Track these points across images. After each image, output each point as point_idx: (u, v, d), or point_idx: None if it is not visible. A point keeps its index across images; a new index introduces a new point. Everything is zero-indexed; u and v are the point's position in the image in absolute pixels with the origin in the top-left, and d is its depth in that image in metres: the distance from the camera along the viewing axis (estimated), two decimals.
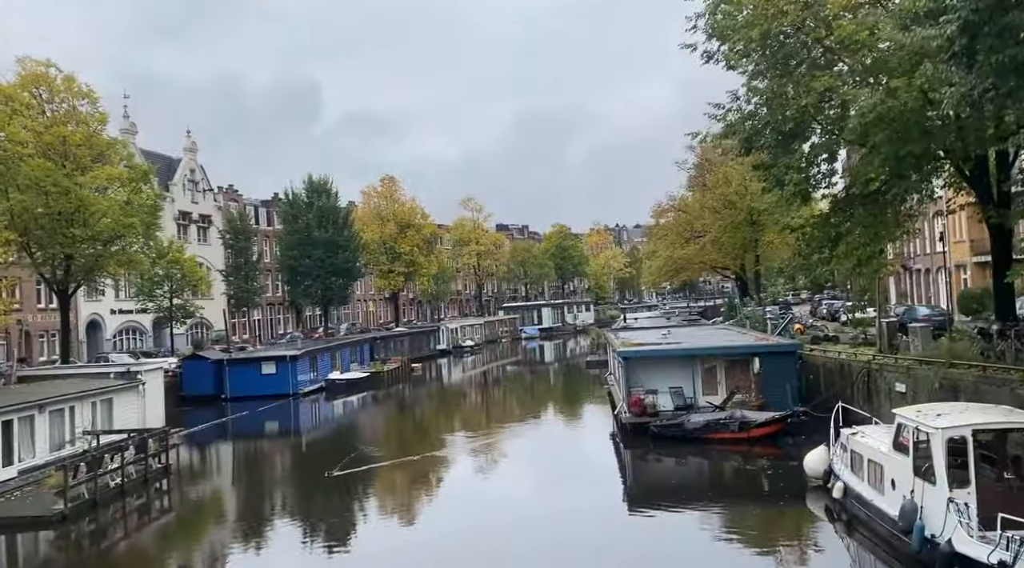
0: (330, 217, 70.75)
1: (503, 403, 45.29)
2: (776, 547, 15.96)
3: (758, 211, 56.42)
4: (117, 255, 38.85)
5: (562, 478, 24.36)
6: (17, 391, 25.43)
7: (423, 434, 34.58)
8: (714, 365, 27.15)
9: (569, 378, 55.64)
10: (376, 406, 45.80)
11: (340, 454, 28.59)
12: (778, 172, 20.43)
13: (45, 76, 38.38)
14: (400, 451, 29.09)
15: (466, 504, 21.48)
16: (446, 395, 51.10)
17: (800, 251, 22.40)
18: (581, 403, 42.98)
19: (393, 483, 24.18)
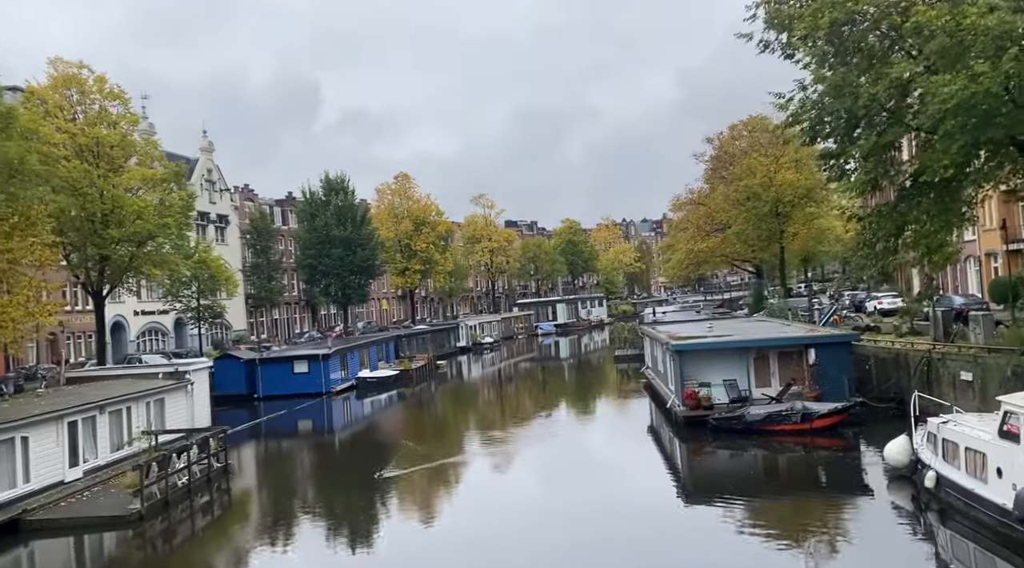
0: (348, 215, 70.64)
1: (537, 398, 45.22)
2: (866, 538, 15.89)
3: (783, 202, 56.47)
4: (152, 255, 38.80)
5: (612, 473, 24.42)
6: (73, 392, 25.41)
7: (463, 432, 34.51)
8: (767, 357, 27.09)
9: (596, 373, 55.60)
10: (409, 404, 45.75)
11: (386, 453, 28.71)
12: (845, 161, 20.34)
13: (77, 78, 38.34)
14: (446, 450, 28.93)
15: (520, 500, 21.41)
16: (476, 392, 51.04)
17: (865, 240, 22.29)
18: (615, 397, 42.91)
19: (444, 483, 23.93)
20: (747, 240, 58.33)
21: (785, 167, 57.13)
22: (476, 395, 49.22)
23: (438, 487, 23.42)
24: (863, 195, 23.30)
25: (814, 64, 20.15)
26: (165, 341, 59.53)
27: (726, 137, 70.99)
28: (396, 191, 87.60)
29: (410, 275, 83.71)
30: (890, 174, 20.74)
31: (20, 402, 23.41)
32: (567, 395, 45.84)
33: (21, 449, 19.84)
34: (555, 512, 19.67)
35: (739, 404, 25.70)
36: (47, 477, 20.79)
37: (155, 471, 20.17)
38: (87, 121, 38.32)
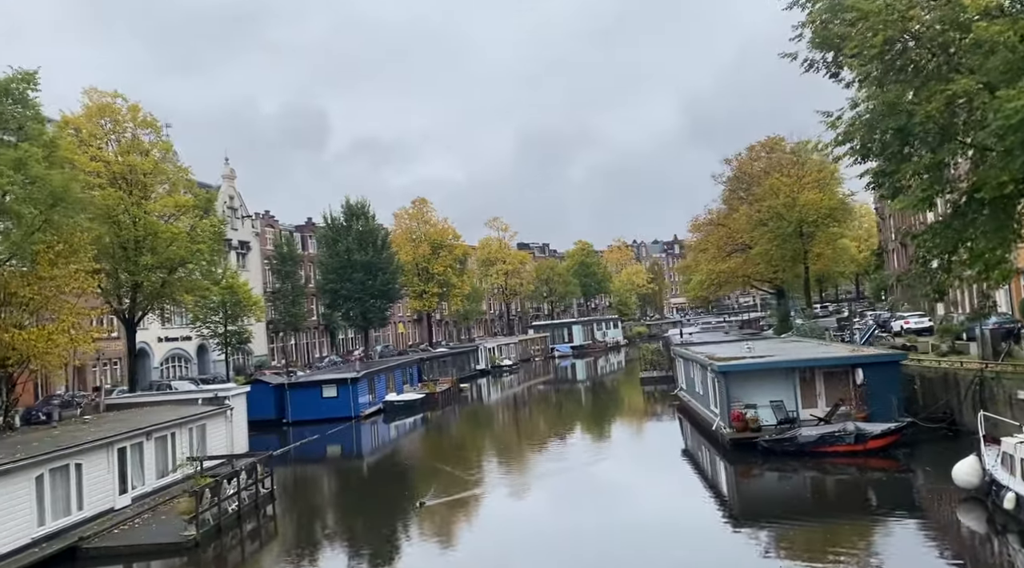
0: (369, 240, 70.87)
1: (567, 422, 44.89)
2: (941, 562, 15.60)
3: (807, 222, 56.39)
4: (183, 282, 38.89)
5: (657, 496, 24.23)
6: (116, 419, 25.34)
7: (499, 456, 34.11)
8: (812, 377, 26.84)
9: (622, 395, 55.21)
10: (438, 428, 45.50)
11: (424, 479, 28.44)
12: (898, 180, 20.26)
13: (111, 107, 38.72)
14: (484, 476, 28.43)
15: (567, 526, 21.11)
16: (503, 415, 50.74)
17: (918, 258, 22.11)
18: (647, 420, 42.54)
19: (486, 511, 23.44)
20: (771, 260, 58.19)
21: (808, 187, 57.16)
22: (504, 418, 48.94)
23: (480, 515, 23.02)
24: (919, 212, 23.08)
25: (865, 82, 20.14)
26: (188, 367, 59.51)
27: (744, 158, 71.20)
28: (413, 215, 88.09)
29: (428, 298, 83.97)
30: (946, 191, 20.60)
31: (69, 429, 23.34)
32: (597, 418, 45.49)
33: (75, 476, 19.75)
34: (604, 536, 19.44)
35: (787, 425, 25.42)
36: (99, 504, 20.67)
37: (208, 497, 20.01)
38: (120, 149, 38.66)
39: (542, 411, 50.69)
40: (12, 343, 24.24)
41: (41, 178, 25.19)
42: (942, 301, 25.25)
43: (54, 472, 19.01)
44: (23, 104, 26.83)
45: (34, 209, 24.45)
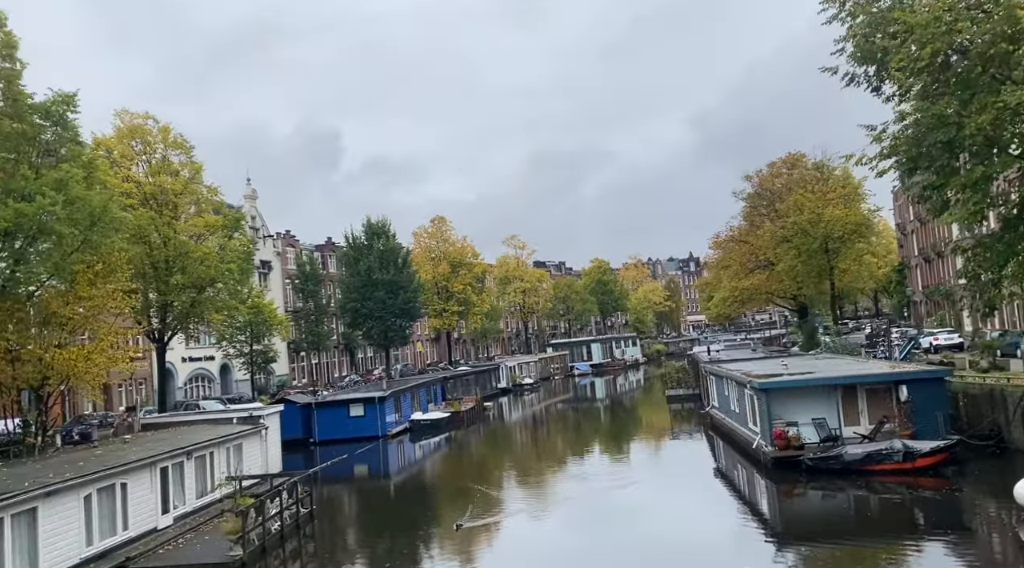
0: (390, 258, 71.01)
1: (594, 441, 44.58)
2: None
3: (833, 238, 56.06)
4: (213, 301, 38.96)
5: (697, 515, 23.99)
6: (154, 439, 25.27)
7: (531, 477, 33.72)
8: (855, 394, 26.50)
9: (649, 414, 54.74)
10: (465, 447, 45.21)
11: (458, 500, 28.14)
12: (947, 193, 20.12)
13: (142, 128, 39.05)
14: (518, 498, 28.14)
15: (607, 548, 20.74)
16: (529, 434, 50.38)
17: (969, 272, 21.87)
18: (677, 439, 42.10)
19: (524, 533, 23.13)
20: (796, 277, 57.83)
21: (833, 203, 56.92)
22: (530, 438, 48.59)
23: (519, 538, 22.63)
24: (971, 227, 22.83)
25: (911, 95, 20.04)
26: (211, 387, 59.62)
27: (765, 174, 71.07)
28: (432, 234, 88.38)
29: (448, 317, 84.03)
30: (996, 205, 20.39)
31: (111, 448, 23.30)
32: (626, 437, 45.11)
33: (121, 496, 19.67)
34: (648, 558, 19.32)
35: (830, 443, 25.06)
36: (143, 524, 20.57)
37: (253, 517, 19.88)
38: (151, 170, 38.96)
39: (568, 430, 50.31)
40: (52, 363, 24.25)
41: (81, 198, 25.35)
42: (992, 315, 24.81)
43: (101, 492, 18.94)
44: (63, 126, 27.04)
45: (75, 230, 24.59)
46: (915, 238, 77.32)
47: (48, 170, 25.36)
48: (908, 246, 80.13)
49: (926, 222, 72.22)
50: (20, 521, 16.20)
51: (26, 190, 24.15)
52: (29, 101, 25.97)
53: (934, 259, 70.64)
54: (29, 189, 24.20)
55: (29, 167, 25.06)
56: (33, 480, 17.14)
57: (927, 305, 76.25)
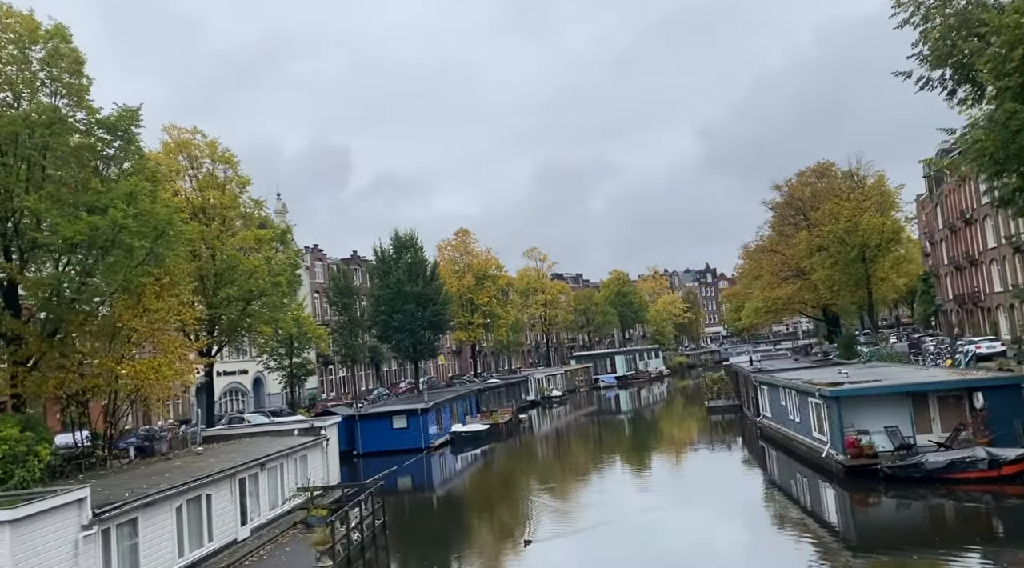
0: (418, 271, 71.05)
1: (643, 453, 44.22)
2: None
3: (870, 246, 55.78)
4: (262, 314, 38.98)
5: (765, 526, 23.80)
6: (226, 450, 25.22)
7: (588, 489, 33.31)
8: (926, 402, 26.21)
9: (689, 424, 54.37)
10: (510, 459, 44.92)
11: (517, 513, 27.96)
12: None
13: (190, 142, 39.26)
14: (580, 512, 27.60)
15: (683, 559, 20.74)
16: (573, 446, 49.96)
17: None
18: (726, 449, 41.76)
19: (595, 551, 22.31)
20: (832, 286, 57.53)
21: (869, 211, 56.70)
22: (575, 449, 48.12)
23: (589, 553, 22.05)
24: None
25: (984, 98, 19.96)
26: (244, 400, 59.61)
27: (795, 184, 70.97)
28: (456, 247, 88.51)
29: (473, 329, 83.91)
30: None
31: (187, 460, 23.26)
32: (676, 448, 44.69)
33: (206, 507, 19.60)
34: None
35: (904, 451, 24.78)
36: (225, 536, 20.48)
37: (339, 528, 19.77)
38: (199, 185, 39.13)
39: (613, 443, 49.93)
40: (124, 375, 24.27)
41: (148, 212, 25.46)
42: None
43: (190, 503, 18.87)
44: (127, 140, 27.20)
45: (145, 242, 24.67)
46: (944, 247, 76.94)
47: (114, 183, 25.49)
48: (936, 255, 79.71)
49: (957, 230, 72.00)
50: (123, 532, 16.14)
51: (98, 203, 24.27)
52: (97, 116, 26.19)
53: (966, 267, 70.26)
54: (101, 202, 24.32)
55: (100, 181, 25.15)
56: (130, 491, 17.08)
57: (959, 314, 75.76)
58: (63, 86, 25.59)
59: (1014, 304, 59.25)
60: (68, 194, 24.94)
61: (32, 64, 24.98)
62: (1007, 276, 60.41)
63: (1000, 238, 60.63)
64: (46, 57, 25.09)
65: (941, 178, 77.08)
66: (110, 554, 15.53)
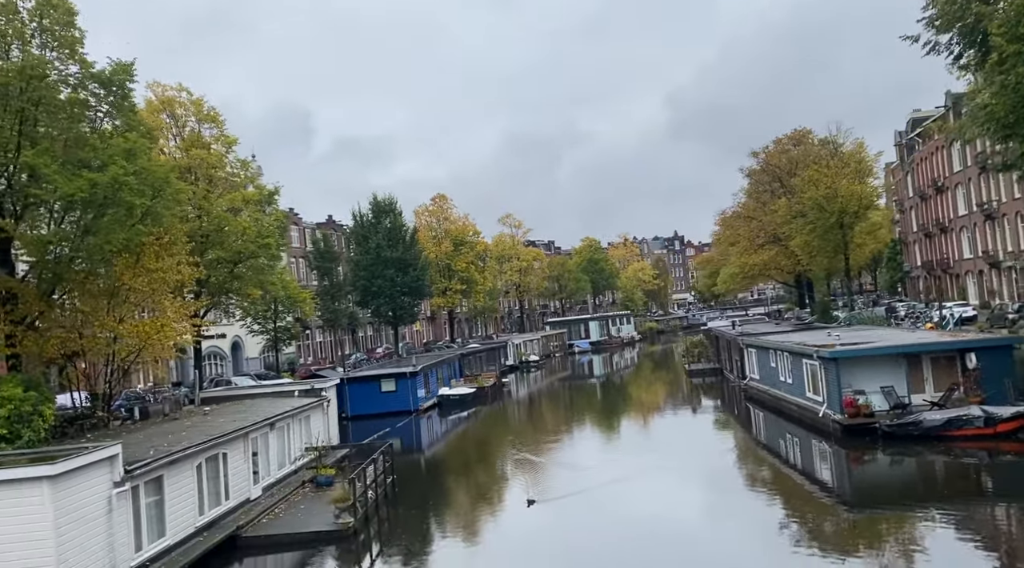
0: (398, 236, 70.60)
1: (630, 414, 44.80)
2: None
3: (848, 213, 56.58)
4: (250, 277, 38.46)
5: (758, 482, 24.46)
6: (233, 411, 25.06)
7: (583, 450, 33.48)
8: (919, 363, 26.93)
9: (671, 386, 55.15)
10: (500, 421, 45.24)
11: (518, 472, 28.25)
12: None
13: (174, 100, 38.30)
14: (582, 473, 27.02)
15: (688, 512, 21.29)
16: (560, 408, 50.26)
17: None
18: (711, 410, 42.53)
19: (596, 506, 22.62)
20: (811, 252, 58.39)
21: (848, 178, 57.46)
22: (563, 411, 48.44)
23: (591, 513, 22.07)
24: None
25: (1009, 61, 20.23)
26: (223, 365, 59.07)
27: (772, 150, 71.57)
28: (434, 212, 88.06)
29: (451, 295, 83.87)
30: None
31: (195, 420, 23.07)
32: (663, 409, 45.24)
33: (223, 466, 19.53)
34: (727, 519, 19.90)
35: (899, 411, 25.48)
36: (240, 494, 20.47)
37: (358, 486, 19.84)
38: (184, 144, 38.24)
39: (601, 405, 50.46)
40: (126, 335, 23.91)
41: (147, 169, 24.91)
42: None
43: (209, 461, 18.79)
44: (122, 95, 26.48)
45: (144, 200, 24.16)
46: (914, 214, 78.43)
47: (109, 140, 24.86)
48: (905, 222, 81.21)
49: (928, 198, 73.40)
50: (150, 489, 16.04)
51: (96, 160, 23.67)
52: (91, 70, 25.42)
53: (936, 234, 71.83)
54: (99, 158, 23.72)
55: (99, 137, 24.49)
56: (154, 449, 16.94)
57: (926, 280, 77.55)
58: (55, 38, 24.81)
59: (983, 270, 60.83)
60: (62, 150, 24.30)
61: (22, 14, 24.17)
62: (976, 243, 61.91)
63: (971, 205, 62.03)
64: (36, 7, 24.27)
65: (913, 146, 78.36)
66: (139, 511, 15.44)
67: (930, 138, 71.85)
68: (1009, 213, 55.26)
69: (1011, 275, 55.96)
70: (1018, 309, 41.97)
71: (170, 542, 16.45)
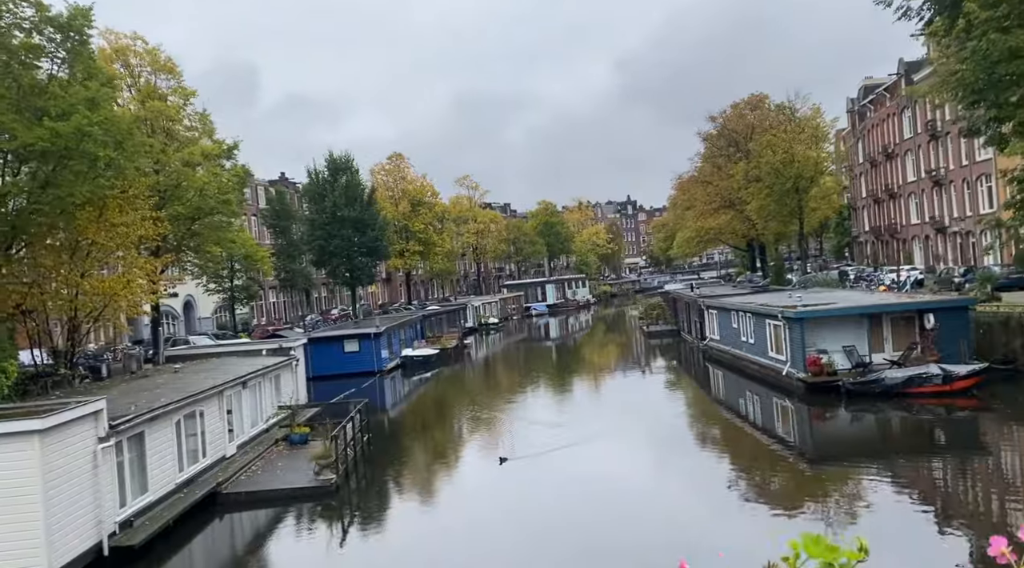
0: (355, 195, 69.53)
1: (595, 373, 45.31)
2: None
3: (804, 178, 57.64)
4: (209, 233, 37.59)
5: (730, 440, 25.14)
6: (203, 369, 24.67)
7: (557, 411, 33.48)
8: (880, 323, 27.79)
9: (630, 347, 56.05)
10: (464, 381, 45.49)
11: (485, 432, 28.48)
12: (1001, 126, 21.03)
13: (129, 49, 36.90)
14: (551, 432, 26.81)
15: (652, 468, 21.72)
16: (523, 369, 50.54)
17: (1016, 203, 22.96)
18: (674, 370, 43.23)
19: (568, 467, 22.43)
20: (767, 216, 59.41)
21: (805, 144, 58.42)
22: (527, 372, 48.69)
23: (562, 469, 22.11)
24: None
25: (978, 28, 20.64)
26: (176, 324, 57.95)
27: (730, 114, 72.19)
28: (390, 171, 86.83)
29: (409, 256, 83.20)
30: None
31: (165, 377, 22.66)
32: (622, 368, 45.94)
33: (200, 423, 19.29)
34: (693, 471, 20.63)
35: (861, 369, 26.31)
36: (216, 452, 20.27)
37: (338, 444, 19.80)
38: (140, 95, 36.94)
39: (564, 365, 50.85)
40: (91, 291, 23.27)
41: (109, 119, 24.07)
42: None
43: (186, 418, 18.53)
44: (80, 41, 25.42)
45: (109, 151, 23.36)
46: (863, 180, 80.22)
47: (78, 88, 23.90)
48: (854, 188, 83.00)
49: (878, 164, 75.11)
50: (132, 446, 15.78)
51: (56, 109, 22.74)
52: (46, 13, 24.30)
53: (885, 200, 73.69)
54: (60, 108, 22.80)
55: (59, 86, 23.51)
56: (134, 405, 16.63)
57: (874, 245, 79.69)
58: None
59: (929, 235, 62.74)
60: (17, 97, 23.28)
61: None
62: (924, 209, 63.73)
63: (920, 172, 63.70)
64: None
65: (864, 113, 79.87)
66: (123, 467, 15.19)
67: (882, 105, 73.35)
68: (956, 180, 56.91)
69: (956, 240, 57.86)
70: (964, 273, 43.41)
71: (152, 498, 16.24)
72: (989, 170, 51.04)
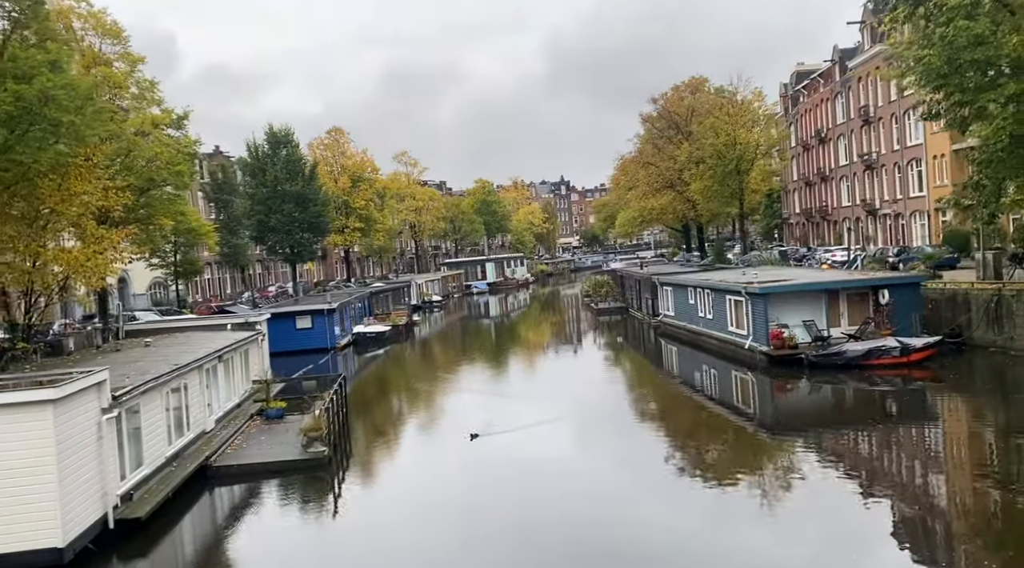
0: (296, 169, 68.07)
1: (553, 349, 45.68)
2: None
3: (745, 160, 59.15)
4: (158, 206, 36.32)
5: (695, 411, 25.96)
6: (172, 343, 24.00)
7: (515, 385, 33.96)
8: (837, 298, 29.00)
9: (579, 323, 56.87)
10: (419, 357, 45.42)
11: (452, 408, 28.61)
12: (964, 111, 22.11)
13: (70, 11, 35.18)
14: (520, 408, 26.90)
15: (621, 446, 21.91)
16: (475, 345, 50.65)
17: (972, 184, 24.17)
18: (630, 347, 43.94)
19: (539, 443, 22.31)
20: (710, 197, 60.78)
21: (747, 127, 59.91)
22: (480, 348, 48.85)
23: (534, 446, 22.01)
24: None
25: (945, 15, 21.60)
26: (109, 301, 55.94)
27: (671, 97, 73.39)
28: (329, 146, 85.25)
29: (349, 233, 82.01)
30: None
31: (137, 351, 21.98)
32: (574, 345, 46.53)
33: (184, 397, 18.87)
34: (660, 445, 21.44)
35: (820, 343, 27.44)
36: (198, 426, 19.87)
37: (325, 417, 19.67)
38: (86, 60, 35.30)
39: (515, 341, 51.23)
40: (53, 261, 22.35)
41: (71, 83, 23.02)
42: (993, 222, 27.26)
43: (172, 392, 18.10)
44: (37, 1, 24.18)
45: (71, 117, 22.36)
46: (795, 164, 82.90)
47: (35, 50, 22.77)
48: (787, 171, 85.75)
49: (811, 148, 77.71)
50: (129, 418, 15.36)
51: (18, 70, 21.63)
52: None
53: (817, 183, 76.39)
54: (19, 70, 21.69)
55: (17, 47, 22.34)
56: (127, 377, 16.16)
57: (804, 227, 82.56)
58: None
59: (860, 217, 65.40)
60: None
61: None
62: (855, 191, 66.36)
63: (852, 156, 66.24)
64: None
65: (797, 98, 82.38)
66: (123, 439, 14.80)
67: (816, 91, 75.76)
68: (888, 164, 59.46)
69: (886, 222, 60.52)
70: (898, 253, 45.53)
71: (147, 472, 15.87)
72: (920, 154, 53.54)
